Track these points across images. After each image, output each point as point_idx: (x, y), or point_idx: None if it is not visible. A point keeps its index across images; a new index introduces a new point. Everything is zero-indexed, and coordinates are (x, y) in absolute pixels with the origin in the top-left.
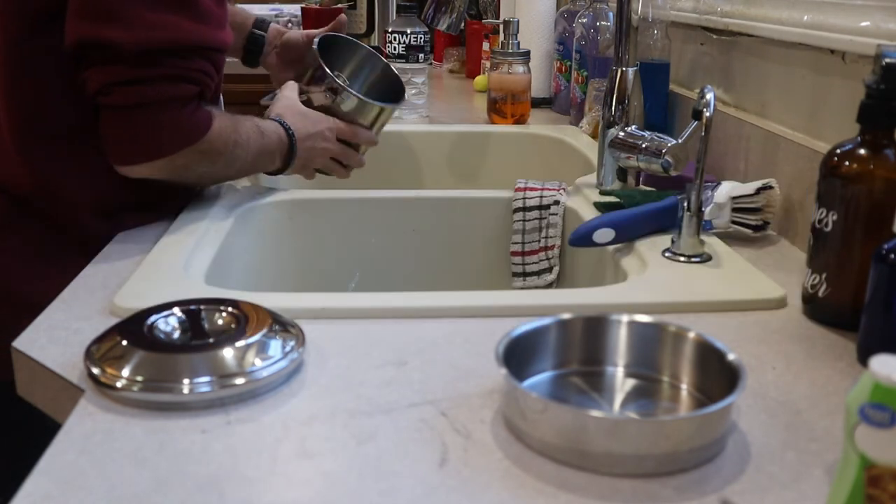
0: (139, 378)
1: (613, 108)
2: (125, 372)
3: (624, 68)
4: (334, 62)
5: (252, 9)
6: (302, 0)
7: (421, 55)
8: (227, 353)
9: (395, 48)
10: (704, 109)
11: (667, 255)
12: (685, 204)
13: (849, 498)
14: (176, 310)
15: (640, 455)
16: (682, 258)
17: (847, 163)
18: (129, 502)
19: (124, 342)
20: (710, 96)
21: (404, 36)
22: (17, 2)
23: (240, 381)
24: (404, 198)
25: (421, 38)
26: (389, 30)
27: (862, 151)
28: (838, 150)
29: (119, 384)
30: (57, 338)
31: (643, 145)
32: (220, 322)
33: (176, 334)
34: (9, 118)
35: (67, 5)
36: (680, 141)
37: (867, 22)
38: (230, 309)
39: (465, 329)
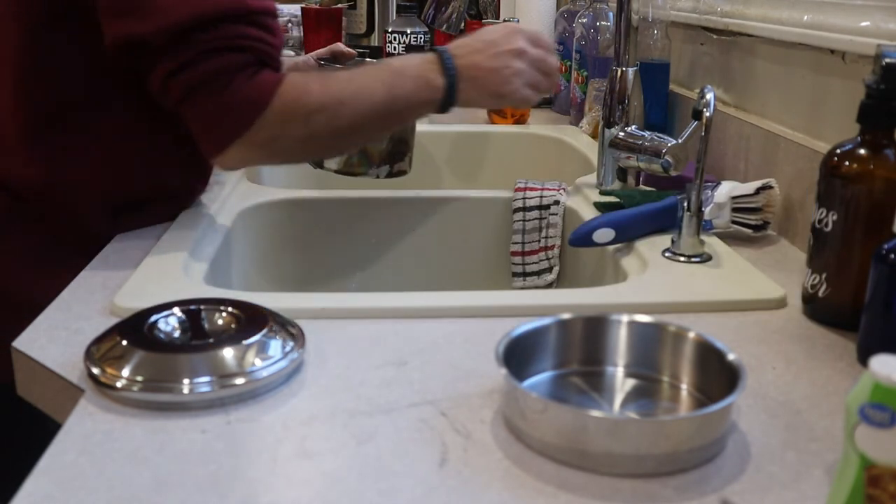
0: (139, 378)
1: (613, 108)
2: (125, 372)
3: (624, 68)
4: None
5: None
6: (302, 0)
7: None
8: (227, 353)
9: (395, 48)
10: (704, 109)
11: (667, 255)
12: (685, 204)
13: (849, 498)
14: (176, 310)
15: (640, 455)
16: (682, 258)
17: (847, 163)
18: (129, 502)
19: (124, 342)
20: (710, 96)
21: (404, 36)
22: (22, 3)
23: (240, 381)
24: (404, 198)
25: (421, 38)
26: (389, 30)
27: (862, 151)
28: (838, 150)
29: (119, 384)
30: (57, 338)
31: (643, 145)
32: (220, 322)
33: (176, 334)
34: (19, 116)
35: (94, 5)
36: (680, 141)
37: (867, 22)
38: (230, 309)
39: (465, 329)
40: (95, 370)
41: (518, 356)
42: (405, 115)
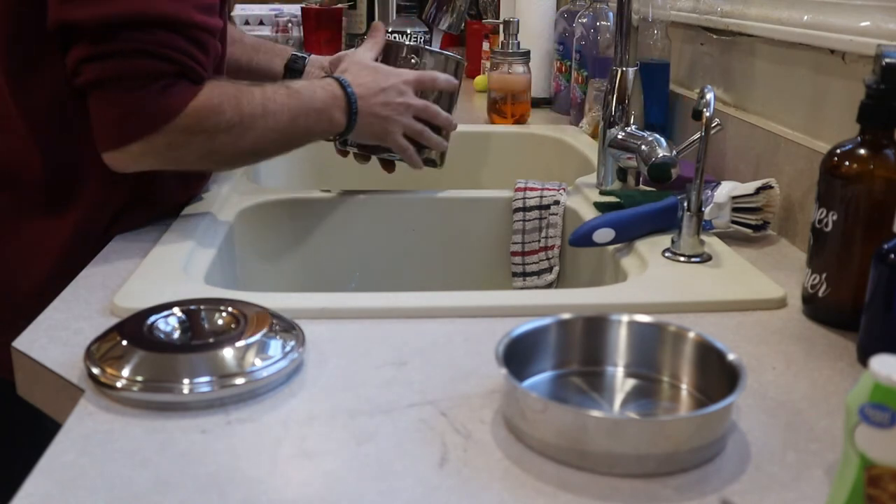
0: (139, 378)
1: (613, 108)
2: (125, 372)
3: (624, 68)
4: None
5: (252, 9)
6: (302, 0)
7: None
8: (227, 353)
9: None
10: (704, 109)
11: (667, 255)
12: (685, 204)
13: (849, 498)
14: (176, 310)
15: (640, 455)
16: (682, 258)
17: (847, 163)
18: (129, 502)
19: (124, 342)
20: (710, 96)
21: (404, 36)
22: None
23: (240, 381)
24: (404, 198)
25: (421, 37)
26: (390, 30)
27: (862, 151)
28: (838, 150)
29: (119, 384)
30: (57, 338)
31: (641, 146)
32: (220, 322)
33: (176, 334)
34: (23, 112)
35: None
36: (674, 154)
37: (867, 22)
38: (230, 309)
39: (465, 329)
40: (95, 370)
41: (518, 356)
42: (300, 143)
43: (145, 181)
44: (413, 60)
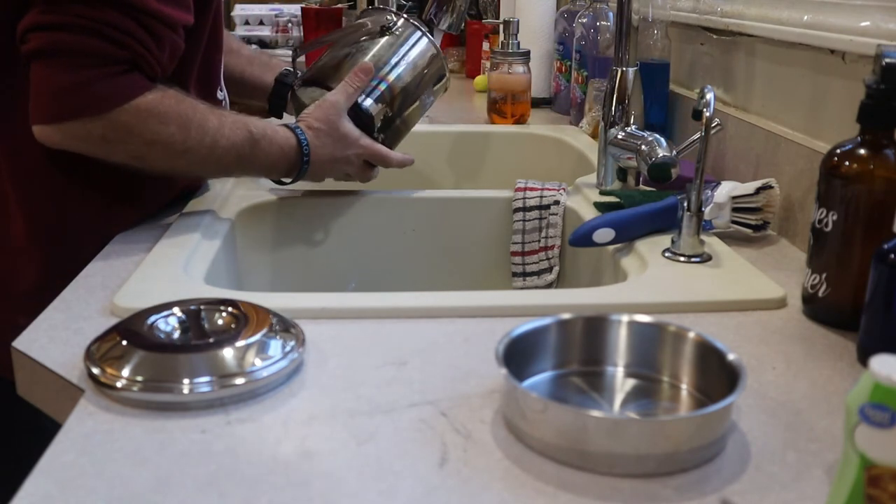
0: (139, 378)
1: (613, 108)
2: (125, 372)
3: (624, 68)
4: None
5: (252, 9)
6: (302, 0)
7: None
8: (227, 353)
9: None
10: (704, 109)
11: (667, 255)
12: (685, 204)
13: (849, 498)
14: (176, 310)
15: (640, 455)
16: (682, 258)
17: (847, 163)
18: (129, 502)
19: (124, 342)
20: (710, 96)
21: None
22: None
23: (240, 381)
24: (404, 198)
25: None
26: None
27: (862, 151)
28: (838, 150)
29: (119, 384)
30: (57, 338)
31: (641, 146)
32: (220, 322)
33: (176, 334)
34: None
35: None
36: (674, 154)
37: (867, 22)
38: (230, 309)
39: (465, 329)
40: (95, 370)
41: (518, 356)
42: (236, 177)
43: (128, 178)
44: (383, 33)
